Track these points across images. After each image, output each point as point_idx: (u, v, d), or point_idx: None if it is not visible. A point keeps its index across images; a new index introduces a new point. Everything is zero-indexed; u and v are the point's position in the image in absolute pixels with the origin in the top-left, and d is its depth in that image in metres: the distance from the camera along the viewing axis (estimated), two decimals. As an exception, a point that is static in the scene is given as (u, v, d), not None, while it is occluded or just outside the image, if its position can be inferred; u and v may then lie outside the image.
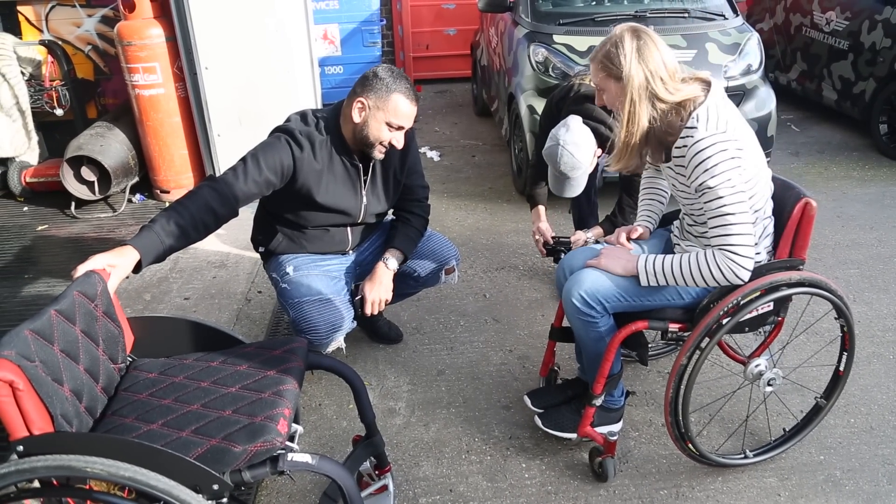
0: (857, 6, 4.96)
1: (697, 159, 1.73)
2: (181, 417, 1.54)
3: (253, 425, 1.49)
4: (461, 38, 6.76)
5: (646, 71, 1.77)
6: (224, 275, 3.35)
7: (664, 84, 1.78)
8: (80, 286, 1.59)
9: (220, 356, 1.78)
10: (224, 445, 1.45)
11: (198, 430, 1.50)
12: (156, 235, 1.74)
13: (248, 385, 1.64)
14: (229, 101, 3.89)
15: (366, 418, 1.85)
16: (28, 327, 1.40)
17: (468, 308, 3.07)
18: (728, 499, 2.05)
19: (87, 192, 3.95)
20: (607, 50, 1.82)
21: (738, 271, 1.77)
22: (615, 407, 2.14)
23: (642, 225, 2.16)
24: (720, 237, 1.78)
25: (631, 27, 1.81)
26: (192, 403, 1.59)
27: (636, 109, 1.79)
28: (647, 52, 1.77)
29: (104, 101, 4.54)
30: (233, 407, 1.56)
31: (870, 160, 4.73)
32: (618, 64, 1.78)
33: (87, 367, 1.54)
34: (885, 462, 2.17)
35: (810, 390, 2.39)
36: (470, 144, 5.33)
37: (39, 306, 3.05)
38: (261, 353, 1.76)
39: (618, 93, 1.83)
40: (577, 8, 4.32)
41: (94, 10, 4.31)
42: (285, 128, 2.13)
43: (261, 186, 2.03)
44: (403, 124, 2.10)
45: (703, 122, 1.75)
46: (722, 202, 1.74)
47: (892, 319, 2.91)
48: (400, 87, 2.05)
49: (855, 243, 3.59)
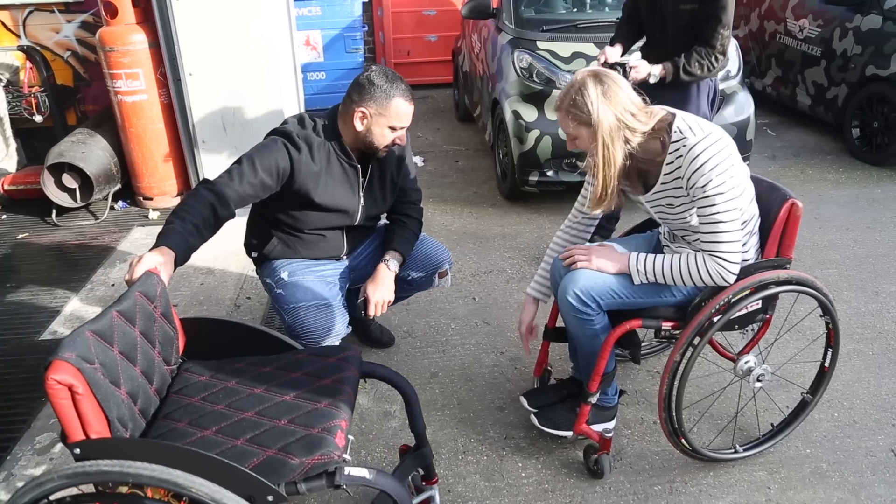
0: (829, 14, 5.10)
1: (696, 163, 1.77)
2: (235, 425, 1.53)
3: (310, 437, 1.47)
4: (442, 44, 6.81)
5: (615, 111, 1.79)
6: (212, 281, 3.33)
7: (635, 117, 1.82)
8: (141, 286, 1.58)
9: (272, 361, 1.76)
10: (281, 457, 1.43)
11: (253, 439, 1.48)
12: (180, 235, 1.75)
13: (303, 394, 1.62)
14: (213, 108, 3.87)
15: (416, 428, 1.82)
16: (89, 328, 1.41)
17: (458, 311, 3.10)
18: (720, 492, 2.10)
19: (68, 199, 3.91)
20: (572, 98, 1.83)
21: (726, 275, 1.85)
22: (609, 405, 2.18)
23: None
24: (711, 243, 1.84)
25: (591, 72, 1.83)
26: (245, 410, 1.57)
27: (610, 152, 1.82)
28: (612, 93, 1.80)
29: (84, 108, 4.50)
30: (289, 416, 1.54)
31: (843, 163, 4.86)
32: (585, 110, 1.80)
33: (143, 369, 1.55)
34: (868, 454, 2.24)
35: (797, 386, 2.45)
36: (453, 150, 5.37)
37: (22, 315, 3.05)
38: (315, 361, 1.74)
39: (590, 138, 1.84)
40: (560, 15, 4.39)
41: (73, 16, 4.27)
42: (282, 130, 2.14)
43: (256, 188, 2.03)
44: (406, 124, 2.15)
45: (689, 131, 1.81)
46: (715, 209, 1.79)
47: (870, 317, 3.00)
48: (398, 91, 2.08)
49: (832, 244, 3.68)
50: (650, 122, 1.84)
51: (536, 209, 4.18)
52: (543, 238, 3.80)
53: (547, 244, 3.67)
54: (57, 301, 3.16)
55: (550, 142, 3.85)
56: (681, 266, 1.88)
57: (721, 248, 1.82)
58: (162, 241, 1.72)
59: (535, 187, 4.01)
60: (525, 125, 3.88)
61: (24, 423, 2.37)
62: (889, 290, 3.21)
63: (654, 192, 1.95)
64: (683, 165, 1.81)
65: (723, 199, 1.78)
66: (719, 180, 1.76)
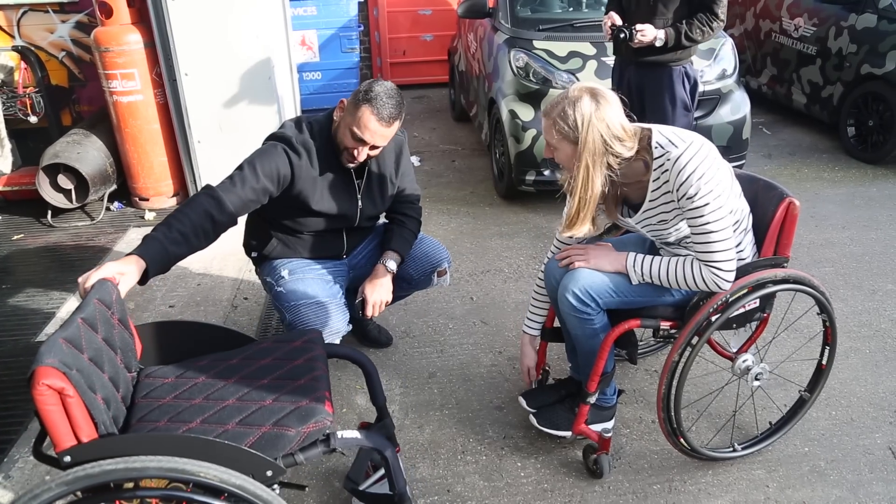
0: (824, 13, 5.11)
1: (684, 174, 1.76)
2: (220, 413, 1.55)
3: (301, 408, 1.53)
4: (438, 43, 6.81)
5: (604, 134, 1.74)
6: (208, 282, 3.32)
7: (622, 143, 1.78)
8: (97, 294, 1.57)
9: (236, 354, 1.77)
10: (277, 431, 1.48)
11: (243, 421, 1.52)
12: (159, 243, 1.74)
13: (279, 375, 1.66)
14: (209, 108, 3.86)
15: (377, 401, 1.87)
16: (61, 336, 1.39)
17: (456, 311, 3.09)
18: (719, 491, 2.10)
19: (63, 200, 3.89)
20: (563, 110, 1.76)
21: (721, 283, 1.85)
22: (608, 404, 2.18)
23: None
24: (704, 253, 1.83)
25: (589, 88, 1.77)
26: (226, 399, 1.60)
27: (590, 174, 1.77)
28: (605, 115, 1.74)
29: (79, 108, 4.47)
30: (272, 396, 1.58)
31: (839, 162, 4.87)
32: (574, 126, 1.74)
33: (110, 376, 1.53)
34: (865, 452, 2.24)
35: (794, 384, 2.46)
36: (449, 149, 5.36)
37: (18, 317, 3.03)
38: (281, 346, 1.77)
39: (571, 155, 1.80)
40: (556, 14, 4.39)
41: (67, 16, 4.24)
42: (281, 135, 2.13)
43: (258, 193, 2.03)
44: (365, 138, 2.05)
45: (669, 144, 1.80)
46: (705, 219, 1.78)
47: (866, 315, 3.01)
48: (376, 103, 2.00)
49: (829, 242, 3.69)
50: (634, 146, 1.81)
51: (533, 208, 4.18)
52: (540, 237, 3.80)
53: (544, 243, 3.69)
54: (53, 303, 3.15)
55: (547, 141, 3.85)
56: (677, 271, 1.89)
57: (714, 256, 1.82)
58: (137, 250, 1.71)
59: (532, 187, 4.01)
60: (522, 124, 3.88)
61: (21, 424, 2.36)
62: (885, 289, 3.22)
63: (643, 212, 1.93)
64: (671, 179, 1.79)
65: (711, 209, 1.77)
66: (706, 189, 1.76)
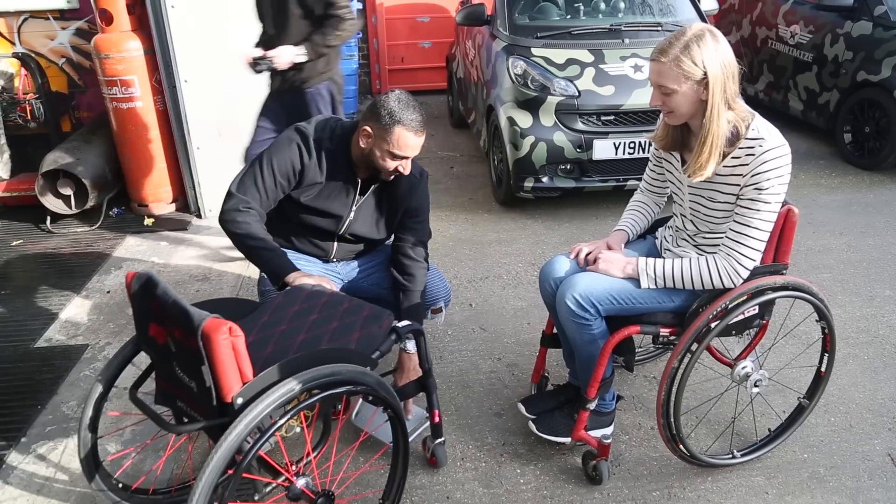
0: (820, 20, 5.14)
1: (766, 166, 1.76)
2: (308, 340, 1.77)
3: (370, 315, 1.87)
4: (436, 50, 6.83)
5: (727, 73, 1.74)
6: (207, 288, 3.32)
7: (736, 83, 1.77)
8: None
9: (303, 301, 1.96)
10: (366, 332, 1.81)
11: (332, 338, 1.77)
12: (284, 255, 2.12)
13: (347, 313, 1.91)
14: (209, 114, 3.88)
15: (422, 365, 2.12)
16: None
17: (455, 317, 3.10)
18: (718, 498, 2.10)
19: (63, 206, 3.89)
20: (685, 45, 1.71)
21: (735, 278, 1.88)
22: (607, 411, 2.18)
23: (624, 227, 2.22)
24: (735, 242, 1.85)
25: (707, 27, 1.76)
26: (299, 334, 1.79)
27: (719, 111, 1.76)
28: (726, 54, 1.74)
29: (79, 115, 4.48)
30: (338, 321, 1.84)
31: (836, 168, 4.89)
32: (700, 63, 1.71)
33: None
34: (865, 458, 2.25)
35: (793, 391, 2.46)
36: (448, 156, 5.37)
37: (17, 322, 3.03)
38: (352, 313, 1.95)
39: (691, 94, 1.76)
40: (554, 21, 4.41)
41: (68, 23, 4.25)
42: (302, 131, 2.16)
43: (277, 193, 2.16)
44: (408, 154, 2.09)
45: (767, 133, 1.80)
46: (758, 216, 1.81)
47: (864, 321, 3.02)
48: (404, 119, 2.02)
49: (826, 249, 3.71)
50: (737, 107, 1.80)
51: (532, 215, 4.19)
52: (539, 244, 3.81)
53: (542, 249, 3.70)
54: (52, 308, 3.15)
55: (545, 148, 3.86)
56: (692, 268, 1.90)
57: (743, 249, 1.84)
58: (285, 268, 2.09)
59: (531, 193, 4.03)
60: (520, 131, 3.90)
61: (20, 430, 2.35)
62: (883, 295, 3.23)
63: (704, 180, 1.90)
64: (751, 164, 1.78)
65: (768, 209, 1.80)
66: (776, 190, 1.78)
